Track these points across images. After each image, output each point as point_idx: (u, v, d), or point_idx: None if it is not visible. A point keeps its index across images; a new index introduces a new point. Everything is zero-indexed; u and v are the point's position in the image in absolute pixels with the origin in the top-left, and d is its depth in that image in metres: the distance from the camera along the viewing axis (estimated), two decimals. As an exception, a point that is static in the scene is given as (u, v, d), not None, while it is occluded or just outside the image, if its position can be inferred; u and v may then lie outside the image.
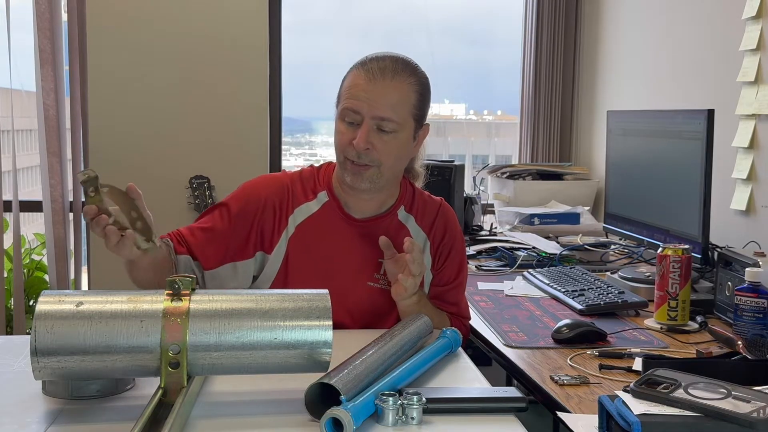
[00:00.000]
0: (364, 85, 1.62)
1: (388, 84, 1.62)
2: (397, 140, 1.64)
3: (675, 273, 1.82)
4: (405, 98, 1.64)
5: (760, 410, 1.01)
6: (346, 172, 1.66)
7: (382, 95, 1.61)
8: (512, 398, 1.26)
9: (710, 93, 2.64)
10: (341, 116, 1.64)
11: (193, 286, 1.21)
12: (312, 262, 1.69)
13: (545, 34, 3.64)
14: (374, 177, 1.65)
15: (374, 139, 1.61)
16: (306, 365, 1.21)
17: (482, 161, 4.10)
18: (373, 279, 1.71)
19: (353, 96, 1.62)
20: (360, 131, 1.61)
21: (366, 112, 1.61)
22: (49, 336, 1.13)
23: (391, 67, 1.63)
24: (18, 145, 3.34)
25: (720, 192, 2.34)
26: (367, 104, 1.61)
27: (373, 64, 1.63)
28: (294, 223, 1.71)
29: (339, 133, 1.65)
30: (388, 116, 1.61)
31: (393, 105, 1.62)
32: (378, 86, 1.61)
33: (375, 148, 1.62)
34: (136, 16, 3.23)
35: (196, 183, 3.23)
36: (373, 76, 1.62)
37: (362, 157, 1.62)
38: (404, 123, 1.64)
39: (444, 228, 1.78)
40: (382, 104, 1.61)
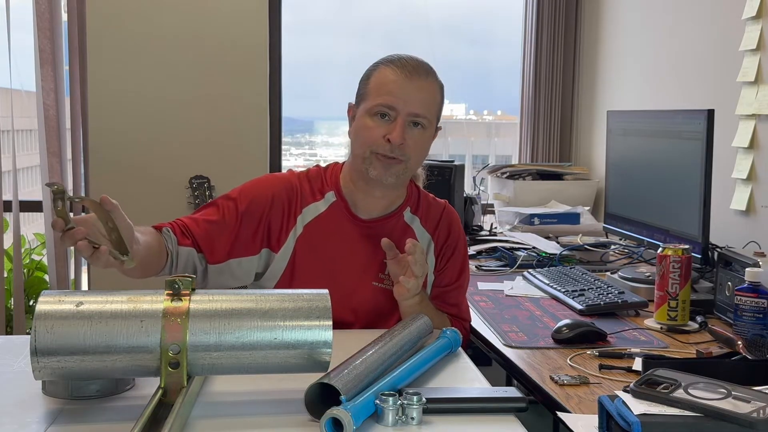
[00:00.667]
0: (401, 82, 1.65)
1: (423, 82, 1.67)
2: (424, 138, 1.69)
3: (675, 273, 1.82)
4: (434, 98, 1.69)
5: (760, 410, 1.01)
6: (371, 166, 1.66)
7: (418, 93, 1.65)
8: (512, 398, 1.26)
9: (710, 93, 2.64)
10: (371, 112, 1.65)
11: (193, 286, 1.21)
12: (318, 261, 1.70)
13: (545, 34, 3.64)
14: (401, 172, 1.67)
15: (407, 135, 1.65)
16: (306, 365, 1.21)
17: (482, 161, 4.10)
18: (378, 279, 1.73)
19: (389, 92, 1.64)
20: (395, 126, 1.63)
21: (402, 108, 1.64)
22: (49, 336, 1.13)
23: (423, 66, 1.69)
24: (18, 145, 3.34)
25: (720, 192, 2.34)
26: (404, 100, 1.64)
27: (404, 62, 1.67)
28: (303, 223, 1.72)
29: (367, 128, 1.66)
30: (423, 113, 1.66)
31: (427, 103, 1.67)
32: (414, 84, 1.65)
33: (407, 143, 1.65)
34: (136, 16, 3.23)
35: (196, 183, 3.23)
36: (409, 74, 1.65)
37: (395, 150, 1.64)
38: (432, 122, 1.69)
39: (448, 230, 1.79)
40: (418, 101, 1.65)
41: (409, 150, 1.65)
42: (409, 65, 1.67)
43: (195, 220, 1.69)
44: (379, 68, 1.69)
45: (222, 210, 1.70)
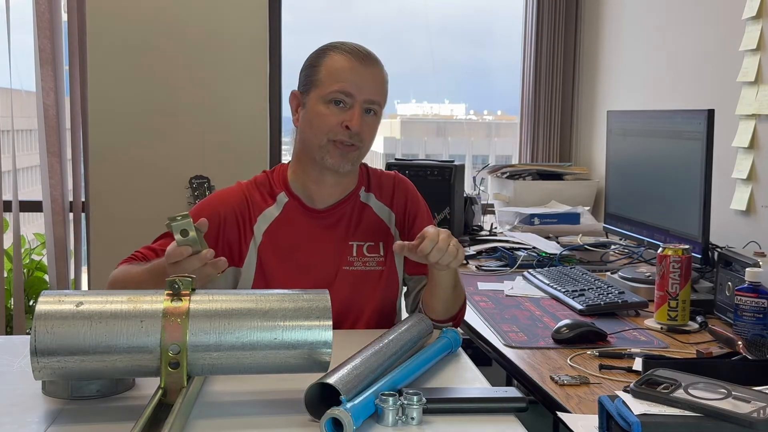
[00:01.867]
0: (356, 68, 1.65)
1: (375, 69, 1.69)
2: (377, 123, 1.71)
3: (675, 273, 1.82)
4: (384, 83, 1.71)
5: (760, 410, 1.01)
6: (329, 154, 1.66)
7: (373, 79, 1.67)
8: (512, 398, 1.26)
9: (710, 93, 2.64)
10: (326, 99, 1.65)
11: (193, 286, 1.21)
12: (286, 263, 1.71)
13: (545, 34, 3.64)
14: (356, 159, 1.69)
15: (363, 122, 1.66)
16: (306, 365, 1.21)
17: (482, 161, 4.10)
18: (348, 262, 1.74)
19: (345, 79, 1.64)
20: (353, 113, 1.64)
21: (359, 94, 1.64)
22: (49, 336, 1.13)
23: (372, 54, 1.70)
24: (18, 145, 3.34)
25: (720, 192, 2.34)
26: (359, 87, 1.64)
27: (355, 49, 1.68)
28: (260, 232, 1.71)
29: (322, 116, 1.65)
30: (377, 99, 1.68)
31: (380, 89, 1.69)
32: (369, 70, 1.67)
33: (363, 130, 1.66)
34: (135, 16, 3.23)
35: (196, 183, 3.23)
36: (363, 60, 1.67)
37: (353, 137, 1.65)
38: (382, 107, 1.73)
39: (404, 198, 1.82)
40: (373, 88, 1.66)
41: (365, 135, 1.67)
42: (361, 52, 1.68)
43: (155, 251, 1.67)
44: (328, 54, 1.68)
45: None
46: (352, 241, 1.75)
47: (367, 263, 1.75)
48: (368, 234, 1.76)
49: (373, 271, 1.75)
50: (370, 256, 1.76)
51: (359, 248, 1.75)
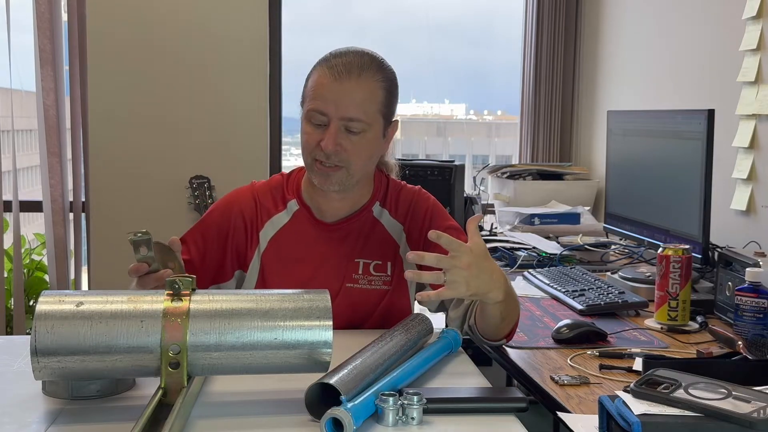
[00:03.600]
0: (330, 85, 1.55)
1: (354, 83, 1.56)
2: (366, 140, 1.59)
3: (675, 273, 1.82)
4: (372, 96, 1.58)
5: (760, 410, 1.01)
6: (314, 174, 1.61)
7: (349, 95, 1.55)
8: (512, 398, 1.26)
9: (710, 93, 2.64)
10: (307, 117, 1.58)
11: (193, 286, 1.21)
12: (287, 273, 1.67)
13: (545, 34, 3.64)
14: (343, 179, 1.60)
15: (343, 140, 1.56)
16: (306, 365, 1.21)
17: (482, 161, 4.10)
18: (352, 280, 1.68)
19: (319, 96, 1.56)
20: (328, 132, 1.55)
21: (333, 113, 1.55)
22: (49, 336, 1.13)
23: (357, 64, 1.57)
24: (18, 145, 3.34)
25: (720, 192, 2.34)
26: (334, 105, 1.55)
27: (337, 61, 1.57)
28: (266, 238, 1.68)
29: (305, 134, 1.59)
30: (356, 116, 1.56)
31: (360, 104, 1.56)
32: (344, 85, 1.55)
33: (344, 149, 1.57)
34: (135, 16, 3.23)
35: (196, 183, 3.23)
36: (339, 74, 1.55)
37: (331, 157, 1.57)
38: (372, 122, 1.59)
39: (422, 215, 1.70)
40: (349, 104, 1.55)
41: (347, 155, 1.57)
42: (341, 65, 1.56)
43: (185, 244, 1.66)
44: (315, 69, 1.61)
45: (190, 248, 1.67)
46: (359, 259, 1.68)
47: (373, 282, 1.68)
48: (376, 252, 1.68)
49: (377, 290, 1.68)
50: (377, 275, 1.68)
51: (366, 266, 1.68)
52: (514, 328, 1.59)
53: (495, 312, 1.48)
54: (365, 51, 1.62)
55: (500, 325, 1.53)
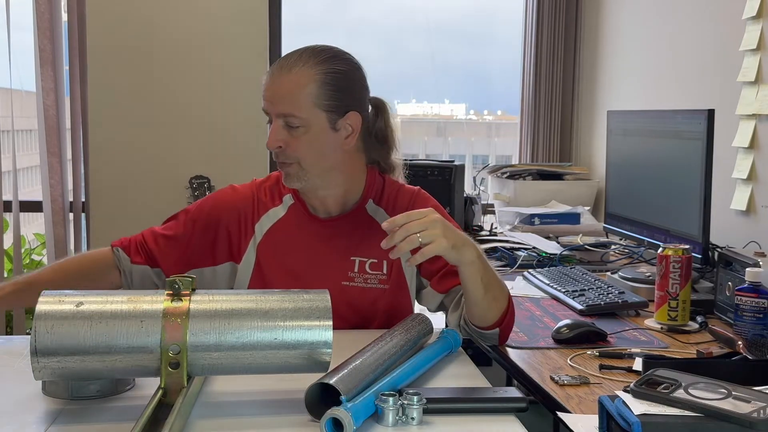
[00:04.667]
0: (267, 83, 1.60)
1: (284, 78, 1.57)
2: (309, 134, 1.58)
3: (675, 273, 1.82)
4: (301, 91, 1.56)
5: (760, 410, 1.01)
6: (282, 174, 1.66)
7: (278, 90, 1.58)
8: (512, 398, 1.26)
9: (710, 93, 2.64)
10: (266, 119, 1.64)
11: (194, 286, 1.21)
12: (283, 267, 1.67)
13: (545, 34, 3.64)
14: (299, 174, 1.61)
15: (285, 137, 1.58)
16: (306, 365, 1.21)
17: (482, 161, 4.10)
18: (348, 278, 1.67)
19: (263, 96, 1.61)
20: (270, 130, 1.60)
21: (271, 110, 1.59)
22: (49, 336, 1.13)
23: (293, 60, 1.58)
24: (18, 145, 3.34)
25: (720, 192, 2.34)
26: (270, 102, 1.59)
27: (278, 62, 1.61)
28: (261, 231, 1.69)
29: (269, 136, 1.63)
30: (288, 111, 1.56)
31: (290, 99, 1.57)
32: (275, 82, 1.58)
33: (288, 144, 1.59)
34: (135, 16, 3.23)
35: (196, 183, 3.23)
36: (273, 72, 1.59)
37: (279, 156, 1.61)
38: (308, 116, 1.57)
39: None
40: (279, 100, 1.57)
41: (293, 151, 1.59)
42: (280, 62, 1.60)
43: (154, 234, 1.72)
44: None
45: (178, 224, 1.72)
46: (354, 257, 1.67)
47: (369, 280, 1.67)
48: (372, 251, 1.65)
49: (374, 289, 1.67)
50: (372, 273, 1.67)
51: (361, 264, 1.67)
52: (505, 317, 1.56)
53: (475, 277, 1.47)
54: (314, 46, 1.62)
55: (486, 299, 1.51)
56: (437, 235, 1.41)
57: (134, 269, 1.69)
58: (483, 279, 1.49)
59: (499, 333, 1.58)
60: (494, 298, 1.53)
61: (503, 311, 1.56)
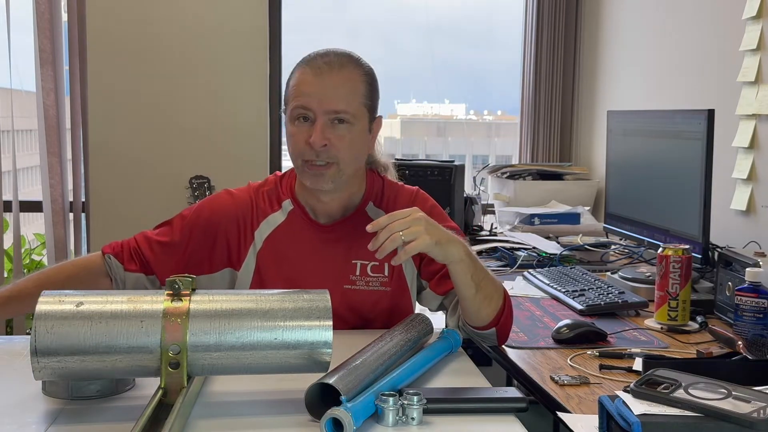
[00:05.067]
0: (312, 81, 1.57)
1: (336, 76, 1.58)
2: (353, 133, 1.59)
3: (675, 273, 1.82)
4: (355, 88, 1.59)
5: (760, 410, 1.01)
6: (305, 176, 1.60)
7: (332, 88, 1.57)
8: (512, 398, 1.26)
9: (710, 93, 2.64)
10: (292, 117, 1.59)
11: (194, 286, 1.21)
12: (283, 273, 1.65)
13: (545, 34, 3.64)
14: (335, 176, 1.59)
15: (330, 135, 1.56)
16: (306, 365, 1.21)
17: (482, 161, 4.10)
18: (350, 281, 1.67)
19: (302, 93, 1.57)
20: (315, 128, 1.55)
21: (317, 107, 1.56)
22: (49, 336, 1.13)
23: (336, 61, 1.59)
24: (18, 145, 3.34)
25: (720, 192, 2.34)
26: (318, 99, 1.56)
27: (317, 60, 1.59)
28: (261, 238, 1.68)
29: (292, 136, 1.59)
30: (341, 108, 1.57)
31: (344, 96, 1.57)
32: (326, 79, 1.57)
33: (332, 144, 1.56)
34: (135, 16, 3.23)
35: (196, 183, 3.23)
36: (320, 70, 1.57)
37: (321, 155, 1.56)
38: (358, 114, 1.59)
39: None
40: (333, 97, 1.56)
41: (336, 150, 1.57)
42: (321, 61, 1.58)
43: (148, 240, 1.68)
44: (296, 70, 1.63)
45: (174, 230, 1.68)
46: (356, 260, 1.66)
47: (370, 283, 1.67)
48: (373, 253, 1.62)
49: (375, 291, 1.67)
50: (374, 275, 1.66)
51: (363, 267, 1.66)
52: (501, 316, 1.55)
53: (464, 274, 1.47)
54: (343, 50, 1.64)
55: (477, 297, 1.50)
56: (420, 232, 1.41)
57: (128, 277, 1.66)
58: (473, 277, 1.49)
59: (496, 333, 1.57)
60: (487, 297, 1.52)
61: (498, 310, 1.55)
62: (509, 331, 1.61)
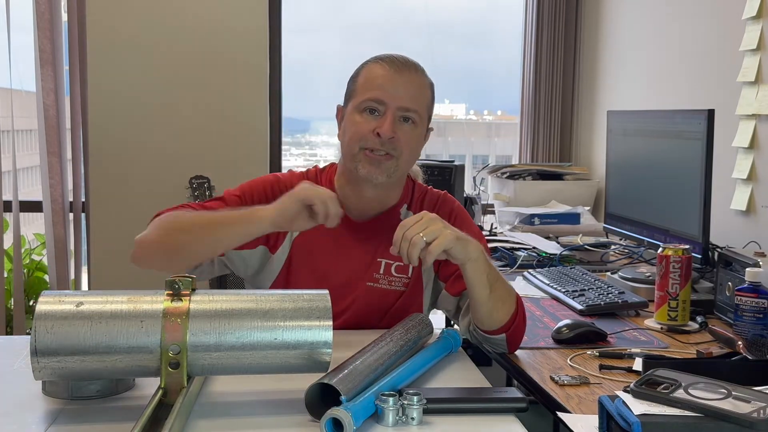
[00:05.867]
0: (389, 75, 1.62)
1: (412, 76, 1.64)
2: (416, 133, 1.64)
3: (675, 273, 1.82)
4: (424, 93, 1.66)
5: (760, 410, 1.01)
6: (360, 164, 1.62)
7: (408, 86, 1.62)
8: (512, 398, 1.26)
9: (710, 93, 2.64)
10: (360, 107, 1.62)
11: (193, 287, 1.21)
12: (313, 264, 1.69)
13: (545, 34, 3.64)
14: (391, 169, 1.62)
15: (397, 129, 1.61)
16: (306, 365, 1.21)
17: (482, 161, 4.10)
18: (373, 279, 1.70)
19: (377, 86, 1.61)
20: (385, 120, 1.59)
21: (391, 101, 1.60)
22: (49, 336, 1.13)
23: (412, 63, 1.66)
24: (18, 145, 3.34)
25: (720, 192, 2.34)
26: (393, 94, 1.60)
27: (393, 58, 1.65)
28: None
29: (355, 124, 1.62)
30: (413, 107, 1.62)
31: (416, 97, 1.63)
32: (404, 77, 1.62)
33: (398, 138, 1.60)
34: (135, 16, 3.23)
35: (196, 183, 3.23)
36: (398, 68, 1.63)
37: (385, 145, 1.60)
38: (422, 116, 1.65)
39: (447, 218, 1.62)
40: (407, 95, 1.61)
41: (401, 144, 1.61)
42: (398, 61, 1.64)
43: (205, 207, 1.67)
44: (367, 65, 1.67)
45: (228, 204, 1.68)
46: (381, 258, 1.68)
47: (393, 282, 1.69)
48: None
49: (396, 291, 1.70)
50: (398, 276, 1.70)
51: (387, 266, 1.69)
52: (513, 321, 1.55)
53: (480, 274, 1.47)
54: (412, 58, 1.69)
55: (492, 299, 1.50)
56: (440, 229, 1.42)
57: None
58: (488, 277, 1.49)
59: (506, 339, 1.56)
60: (500, 299, 1.53)
61: (511, 315, 1.55)
62: (520, 339, 1.60)
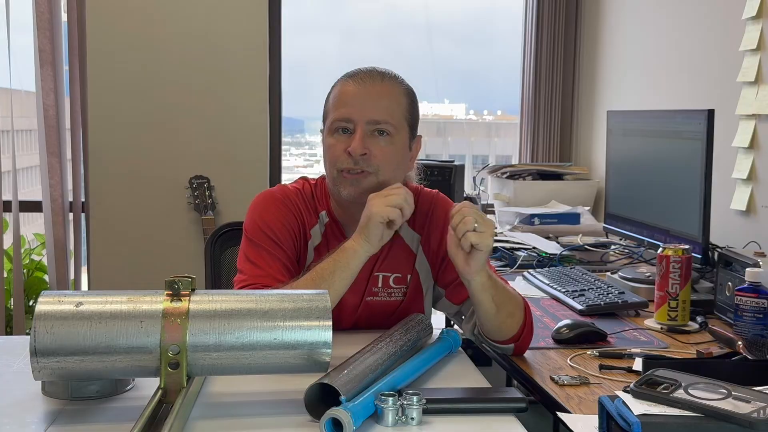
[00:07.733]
0: (354, 91, 1.58)
1: (378, 86, 1.59)
2: (394, 145, 1.59)
3: (675, 273, 1.82)
4: (396, 101, 1.60)
5: (760, 410, 1.01)
6: (341, 185, 1.58)
7: (375, 98, 1.57)
8: (512, 398, 1.26)
9: (710, 93, 2.64)
10: (332, 129, 1.58)
11: (193, 287, 1.21)
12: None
13: (545, 34, 3.64)
14: (373, 186, 1.55)
15: (370, 144, 1.55)
16: (306, 365, 1.21)
17: (482, 161, 4.10)
18: (372, 293, 1.67)
19: (343, 104, 1.57)
20: (354, 137, 1.55)
21: (359, 117, 1.55)
22: (48, 336, 1.13)
23: (378, 74, 1.61)
24: (18, 145, 3.34)
25: (720, 192, 2.34)
26: (359, 109, 1.55)
27: (359, 74, 1.61)
28: (312, 248, 1.66)
29: (330, 146, 1.58)
30: (383, 118, 1.56)
31: (387, 107, 1.58)
32: (369, 89, 1.58)
33: (372, 153, 1.55)
34: (135, 16, 3.24)
35: (196, 183, 3.23)
36: (362, 81, 1.59)
37: (359, 163, 1.55)
38: (399, 126, 1.59)
39: (443, 220, 1.64)
40: (374, 107, 1.56)
41: (376, 160, 1.55)
42: (364, 74, 1.60)
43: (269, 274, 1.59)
44: (336, 85, 1.63)
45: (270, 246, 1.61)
46: (378, 272, 1.66)
47: (393, 294, 1.67)
48: (396, 265, 1.66)
49: (395, 300, 1.68)
50: (396, 287, 1.68)
51: (385, 279, 1.67)
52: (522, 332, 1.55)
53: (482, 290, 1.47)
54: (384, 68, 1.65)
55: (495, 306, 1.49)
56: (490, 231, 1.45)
57: None
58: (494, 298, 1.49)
59: (514, 349, 1.56)
60: (509, 314, 1.53)
61: (520, 325, 1.54)
62: (527, 346, 1.59)
